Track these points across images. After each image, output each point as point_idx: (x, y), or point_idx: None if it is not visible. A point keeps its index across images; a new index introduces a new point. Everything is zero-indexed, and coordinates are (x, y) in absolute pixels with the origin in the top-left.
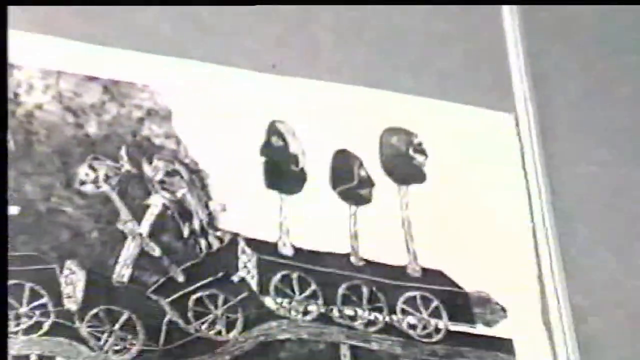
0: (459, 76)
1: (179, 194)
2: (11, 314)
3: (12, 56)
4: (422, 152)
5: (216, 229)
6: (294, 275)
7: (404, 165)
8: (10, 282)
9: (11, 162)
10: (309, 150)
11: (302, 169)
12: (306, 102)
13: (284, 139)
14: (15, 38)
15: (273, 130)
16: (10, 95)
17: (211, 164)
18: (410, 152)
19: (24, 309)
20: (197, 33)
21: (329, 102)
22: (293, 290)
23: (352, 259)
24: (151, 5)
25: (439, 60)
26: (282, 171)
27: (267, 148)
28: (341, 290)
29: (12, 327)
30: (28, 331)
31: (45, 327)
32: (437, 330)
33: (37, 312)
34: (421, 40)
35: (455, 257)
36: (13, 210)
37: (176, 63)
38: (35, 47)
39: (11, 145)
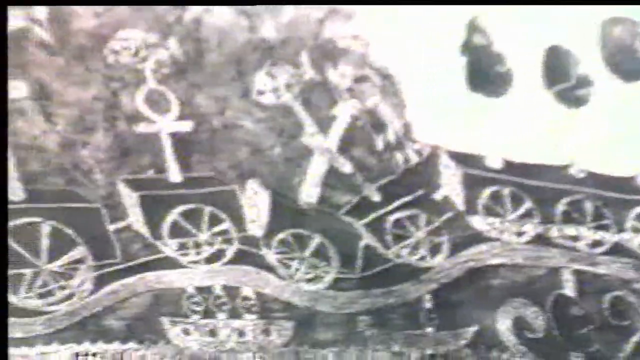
0: None
1: (369, 103)
2: (190, 242)
3: None
4: None
5: (414, 141)
6: (505, 192)
7: (630, 60)
8: (188, 206)
9: (180, 73)
10: (516, 47)
11: (508, 69)
12: None
13: (486, 36)
14: None
15: (474, 26)
16: None
17: (405, 68)
18: (637, 44)
19: (204, 236)
20: None
21: None
22: (504, 209)
23: (572, 170)
24: None
25: None
26: (486, 72)
27: (468, 47)
28: (561, 207)
29: (192, 255)
30: (210, 260)
31: (229, 254)
32: None
33: (219, 239)
34: None
35: None
36: (185, 126)
37: None
38: None
39: (179, 54)
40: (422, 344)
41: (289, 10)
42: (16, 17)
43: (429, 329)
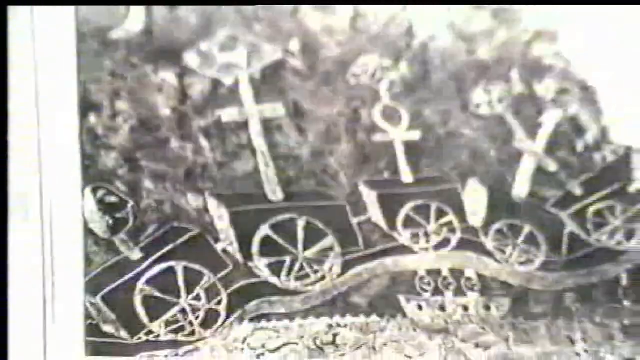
0: None
1: (571, 111)
2: (421, 232)
3: None
4: None
5: (610, 143)
6: None
7: None
8: (418, 202)
9: (410, 91)
10: None
11: None
12: None
13: None
14: None
15: None
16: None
17: (601, 80)
18: None
19: (432, 227)
20: None
21: None
22: None
23: None
24: None
25: None
26: None
27: None
28: None
29: (422, 243)
30: (438, 247)
31: (453, 242)
32: None
33: (445, 229)
34: None
35: None
36: (415, 135)
37: None
38: None
39: (409, 75)
40: (621, 316)
41: (502, 35)
42: (275, 51)
43: (627, 303)
